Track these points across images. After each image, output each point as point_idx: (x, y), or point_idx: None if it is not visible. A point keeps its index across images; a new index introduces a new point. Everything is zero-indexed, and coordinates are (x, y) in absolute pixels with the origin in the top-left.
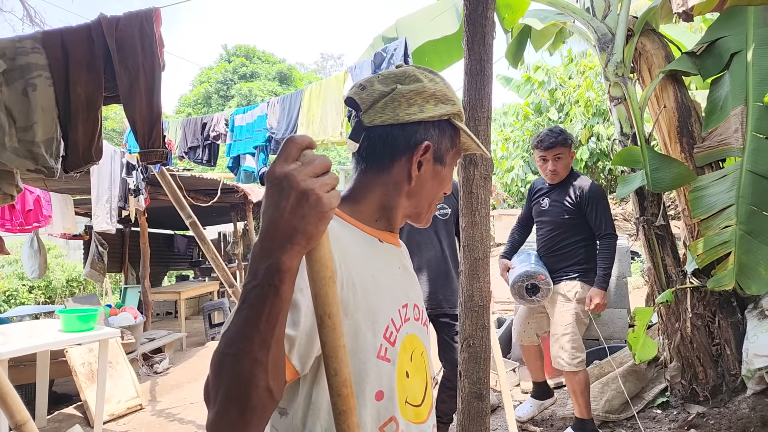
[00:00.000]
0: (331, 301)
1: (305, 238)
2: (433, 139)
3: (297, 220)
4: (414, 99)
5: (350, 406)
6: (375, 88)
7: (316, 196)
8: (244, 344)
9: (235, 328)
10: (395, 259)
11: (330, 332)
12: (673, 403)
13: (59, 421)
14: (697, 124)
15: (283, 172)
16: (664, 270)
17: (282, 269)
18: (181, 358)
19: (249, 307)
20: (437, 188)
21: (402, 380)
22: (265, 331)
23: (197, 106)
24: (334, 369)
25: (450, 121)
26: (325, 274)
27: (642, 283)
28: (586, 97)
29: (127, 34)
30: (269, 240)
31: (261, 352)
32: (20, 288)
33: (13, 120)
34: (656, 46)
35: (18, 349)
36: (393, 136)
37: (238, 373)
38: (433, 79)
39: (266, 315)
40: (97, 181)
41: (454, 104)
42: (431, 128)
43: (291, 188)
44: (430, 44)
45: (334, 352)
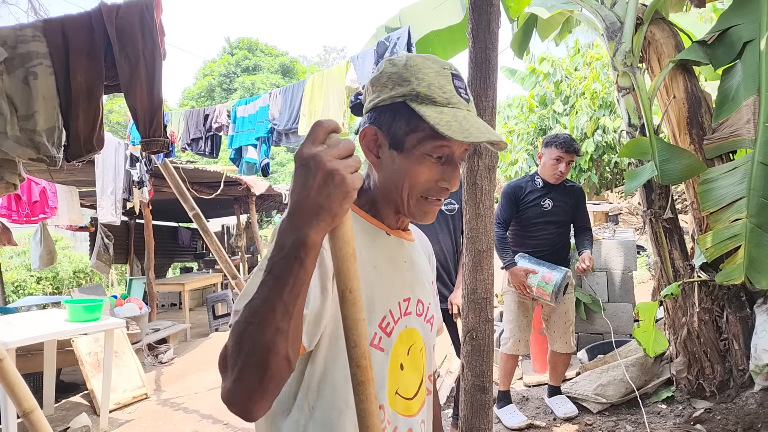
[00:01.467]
0: (352, 276)
1: (330, 215)
2: (383, 123)
3: (323, 199)
4: (375, 86)
5: (369, 377)
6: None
7: (341, 176)
8: (268, 313)
9: (260, 298)
10: (402, 252)
11: (351, 306)
12: (678, 398)
13: (66, 409)
14: (708, 115)
15: (311, 153)
16: (672, 264)
17: (308, 243)
18: (186, 349)
19: (274, 279)
20: (403, 177)
21: (395, 371)
22: (289, 301)
23: (200, 99)
24: (354, 341)
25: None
26: (347, 251)
27: (647, 278)
28: (593, 88)
29: (127, 22)
30: (297, 216)
31: (283, 322)
32: (28, 279)
33: (14, 109)
34: (666, 35)
35: (25, 339)
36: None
37: (261, 341)
38: (396, 62)
39: (290, 286)
40: (102, 172)
41: (409, 84)
42: (384, 112)
43: (318, 168)
44: (434, 34)
45: (354, 324)
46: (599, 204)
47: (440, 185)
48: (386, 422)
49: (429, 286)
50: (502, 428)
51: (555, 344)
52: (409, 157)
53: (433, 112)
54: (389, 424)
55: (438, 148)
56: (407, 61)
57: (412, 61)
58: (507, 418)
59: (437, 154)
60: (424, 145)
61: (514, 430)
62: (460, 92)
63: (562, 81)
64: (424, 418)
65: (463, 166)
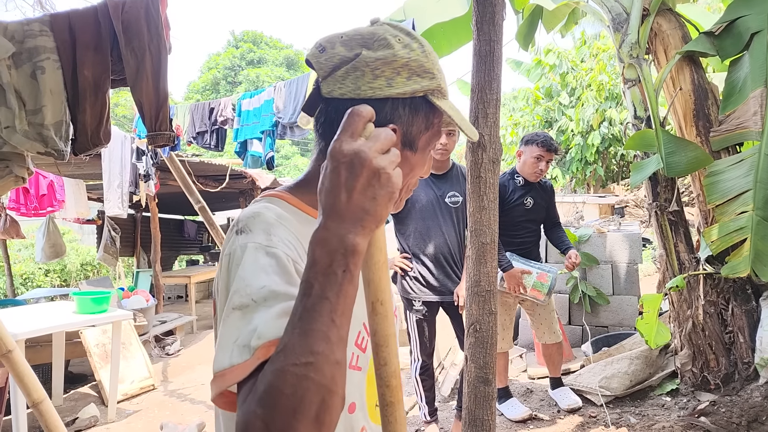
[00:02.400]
0: (385, 287)
1: (375, 220)
2: (402, 120)
3: (368, 202)
4: (381, 69)
5: (399, 398)
6: (336, 51)
7: (387, 175)
8: (322, 345)
9: (307, 329)
10: None
11: (382, 320)
12: (683, 391)
13: (75, 399)
14: (714, 107)
15: (353, 149)
16: (677, 256)
17: (357, 251)
18: (192, 341)
19: (320, 300)
20: (405, 176)
21: (372, 386)
22: (342, 325)
23: (205, 92)
24: (384, 359)
25: (426, 99)
26: (379, 259)
27: (653, 270)
28: (599, 80)
29: (132, 16)
30: (338, 222)
31: (340, 352)
32: (36, 271)
33: (22, 103)
34: (673, 26)
35: (35, 330)
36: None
37: (321, 383)
38: (409, 44)
39: (342, 306)
40: (108, 166)
41: (434, 77)
42: (400, 107)
43: (362, 167)
44: (439, 26)
45: (385, 340)
46: (605, 197)
47: (423, 176)
48: None
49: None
50: (504, 421)
51: (544, 336)
52: (421, 155)
53: (448, 108)
54: None
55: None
56: (424, 47)
57: (427, 47)
58: (509, 411)
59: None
60: (433, 141)
61: (516, 422)
62: None
63: (568, 73)
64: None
65: (468, 158)
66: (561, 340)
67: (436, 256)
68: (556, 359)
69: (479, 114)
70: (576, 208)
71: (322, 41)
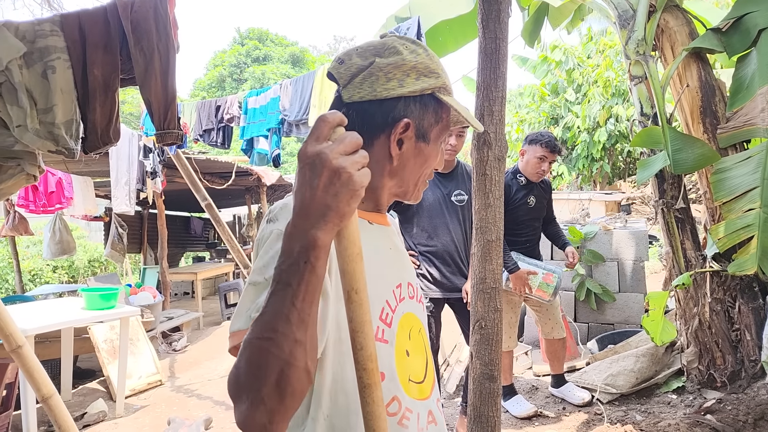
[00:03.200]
0: (359, 277)
1: (338, 215)
2: (414, 115)
3: (330, 198)
4: (393, 73)
5: (375, 380)
6: (353, 62)
7: (348, 174)
8: (283, 326)
9: (272, 310)
10: (386, 239)
11: (357, 307)
12: (689, 389)
13: (83, 395)
14: (722, 104)
15: (315, 150)
16: (683, 254)
17: (318, 245)
18: (199, 337)
19: (285, 287)
20: (421, 166)
21: (402, 359)
22: (303, 309)
23: (211, 89)
24: (360, 343)
25: (434, 95)
26: (353, 251)
27: (659, 268)
28: (605, 76)
29: (141, 15)
30: (303, 218)
31: (300, 332)
32: (45, 268)
33: (34, 102)
34: (680, 22)
35: (43, 326)
36: (371, 113)
37: (279, 356)
38: (415, 50)
39: (303, 293)
40: (116, 163)
41: (438, 76)
42: (412, 104)
43: (323, 167)
44: (445, 24)
45: (360, 326)
46: (611, 194)
47: (437, 168)
48: (405, 410)
49: (411, 266)
50: (509, 418)
51: (552, 332)
52: (434, 147)
53: (454, 103)
54: (411, 412)
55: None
56: (427, 51)
57: (430, 51)
58: (514, 408)
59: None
60: (443, 133)
61: (521, 418)
62: None
63: (574, 69)
64: (438, 397)
65: (473, 156)
66: (565, 336)
67: (443, 254)
68: (561, 355)
69: (485, 111)
70: (582, 205)
71: (340, 55)
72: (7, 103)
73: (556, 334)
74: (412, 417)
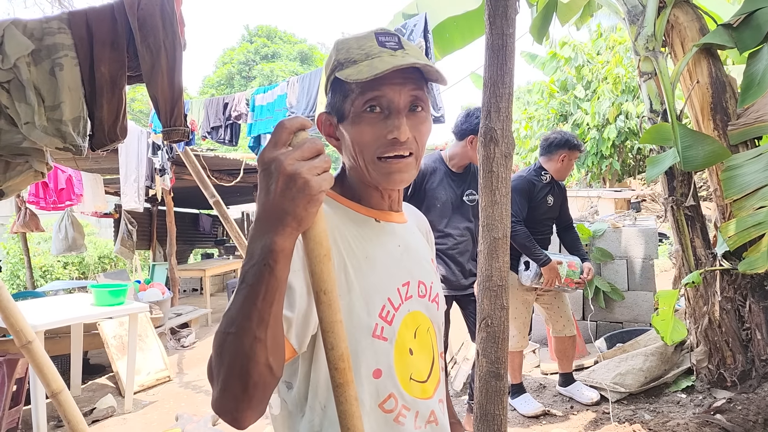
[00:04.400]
0: (327, 278)
1: (296, 220)
2: (328, 104)
3: (287, 203)
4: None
5: (347, 379)
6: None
7: (304, 180)
8: (243, 322)
9: (235, 307)
10: (394, 237)
11: (326, 308)
12: (698, 388)
13: (93, 390)
14: (732, 101)
15: (271, 156)
16: (693, 252)
17: (275, 249)
18: (207, 333)
19: (247, 287)
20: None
21: (404, 357)
22: (263, 309)
23: (220, 87)
24: (331, 343)
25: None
26: (320, 252)
27: (669, 266)
28: (615, 73)
29: (148, 13)
30: (262, 222)
31: (260, 330)
32: (55, 264)
33: (41, 99)
34: (690, 18)
35: (53, 322)
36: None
37: (239, 351)
38: (330, 51)
39: (263, 294)
40: (125, 160)
41: (333, 59)
42: (329, 96)
43: (278, 173)
44: (452, 20)
45: (331, 327)
46: (621, 191)
47: (389, 137)
48: (401, 408)
49: (429, 265)
50: (517, 416)
51: (564, 329)
52: (352, 122)
53: (352, 70)
54: (408, 410)
55: (369, 101)
56: (335, 46)
57: (340, 43)
58: (522, 406)
59: (369, 105)
60: (355, 103)
61: (529, 417)
62: (386, 44)
63: (583, 66)
64: (441, 398)
65: (480, 153)
66: (575, 334)
67: (454, 252)
68: (570, 353)
69: (492, 108)
70: (591, 202)
71: None
72: (15, 101)
73: (567, 332)
74: (409, 415)
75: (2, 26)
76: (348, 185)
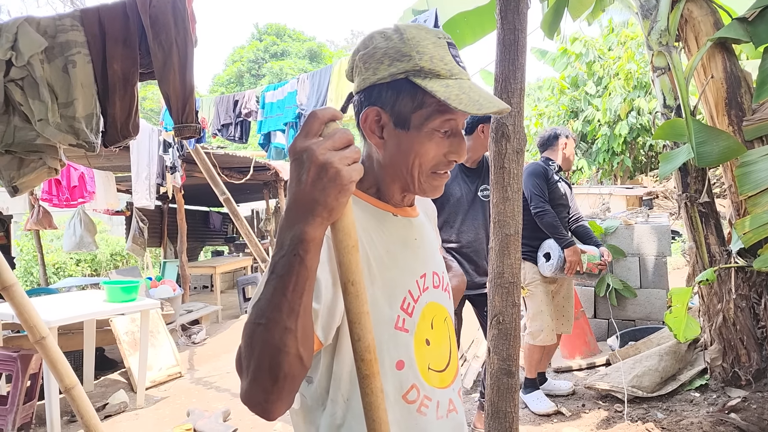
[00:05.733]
0: (355, 269)
1: (326, 210)
2: (386, 102)
3: (317, 193)
4: (369, 63)
5: (373, 371)
6: (350, 59)
7: (335, 170)
8: (273, 313)
9: (265, 298)
10: (411, 231)
11: (354, 299)
12: (712, 387)
13: (105, 386)
14: (747, 96)
15: (303, 146)
16: (707, 249)
17: (306, 239)
18: (217, 330)
19: (277, 278)
20: (408, 155)
21: (422, 348)
22: (293, 299)
23: (230, 85)
24: (358, 335)
25: (409, 79)
26: (348, 243)
27: (682, 264)
28: (627, 69)
29: (160, 10)
30: (293, 212)
31: (290, 320)
32: (68, 261)
33: (55, 96)
34: (704, 12)
35: (67, 318)
36: (357, 104)
37: (269, 342)
38: (390, 36)
39: (293, 284)
40: (137, 158)
41: (410, 59)
42: (384, 91)
43: (310, 162)
44: (462, 16)
45: (358, 318)
46: (633, 188)
47: (449, 158)
48: (423, 398)
49: (439, 255)
50: (528, 414)
51: (563, 327)
52: (418, 134)
53: (440, 86)
54: (430, 401)
55: (446, 123)
56: (403, 34)
57: (408, 34)
58: (534, 404)
59: (445, 128)
60: (433, 120)
61: (541, 415)
62: (458, 61)
63: (595, 61)
64: (459, 387)
65: (491, 149)
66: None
67: (468, 250)
68: (552, 352)
69: (503, 100)
70: (602, 199)
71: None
72: (29, 98)
73: (566, 330)
74: (431, 405)
75: (16, 24)
76: (371, 180)
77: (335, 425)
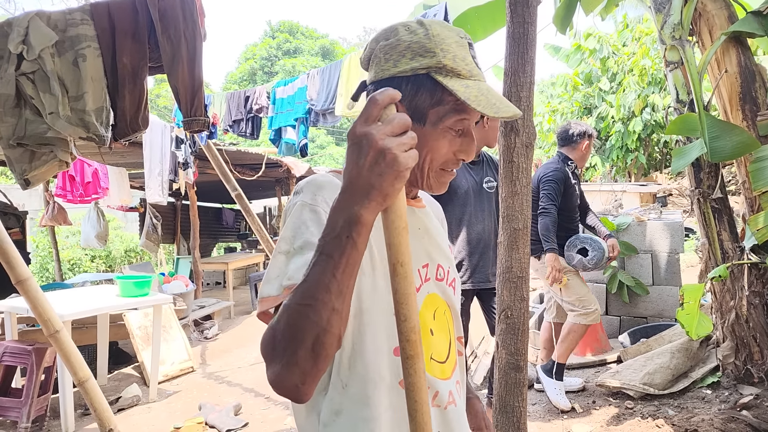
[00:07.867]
0: (404, 250)
1: (381, 194)
2: (403, 95)
3: (374, 178)
4: (390, 54)
5: (417, 351)
6: (369, 47)
7: (393, 155)
8: (322, 294)
9: (313, 279)
10: (415, 220)
11: (402, 280)
12: (724, 384)
13: (118, 379)
14: (762, 90)
15: (363, 131)
16: (720, 245)
17: (360, 222)
18: (229, 326)
19: (327, 258)
20: (421, 150)
21: (425, 337)
22: (342, 280)
23: (243, 82)
24: (404, 315)
25: (430, 75)
26: (399, 225)
27: (695, 261)
28: (641, 65)
29: (169, 4)
30: (348, 195)
31: (338, 302)
32: (83, 257)
33: (65, 89)
34: (718, 5)
35: (80, 312)
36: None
37: (317, 323)
38: (415, 30)
39: (344, 265)
40: (149, 154)
41: (434, 56)
42: (404, 84)
43: (369, 147)
44: (473, 10)
45: (405, 299)
46: (646, 185)
47: (458, 157)
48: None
49: (447, 250)
50: (537, 410)
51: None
52: (433, 130)
53: (461, 86)
54: (429, 390)
55: (460, 122)
56: (428, 30)
57: (433, 30)
58: (553, 393)
59: (459, 127)
60: (448, 119)
61: (554, 408)
62: (476, 62)
63: (609, 57)
64: (458, 379)
65: (500, 143)
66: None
67: (475, 243)
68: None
69: (512, 97)
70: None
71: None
72: (40, 91)
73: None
74: (430, 394)
75: (27, 18)
76: None
77: (334, 410)
